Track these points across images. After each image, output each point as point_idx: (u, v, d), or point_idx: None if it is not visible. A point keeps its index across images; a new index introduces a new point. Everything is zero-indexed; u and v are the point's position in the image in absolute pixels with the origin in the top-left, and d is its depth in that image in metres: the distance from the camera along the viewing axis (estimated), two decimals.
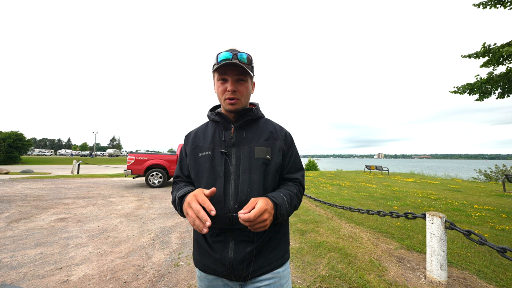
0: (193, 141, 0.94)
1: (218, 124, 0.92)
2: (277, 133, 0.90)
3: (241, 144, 0.85)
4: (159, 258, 2.62)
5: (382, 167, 18.19)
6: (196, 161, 0.87)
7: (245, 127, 0.89)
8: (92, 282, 2.09)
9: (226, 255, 0.77)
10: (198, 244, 0.85)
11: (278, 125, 0.95)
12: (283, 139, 0.90)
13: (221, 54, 0.80)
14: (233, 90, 0.81)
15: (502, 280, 2.24)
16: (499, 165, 16.71)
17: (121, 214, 4.45)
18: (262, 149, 0.84)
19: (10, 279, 2.09)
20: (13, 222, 3.70)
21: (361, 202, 5.88)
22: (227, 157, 0.83)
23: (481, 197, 7.17)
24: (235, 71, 0.80)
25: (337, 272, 2.34)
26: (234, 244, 0.77)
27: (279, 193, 0.79)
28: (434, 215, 2.23)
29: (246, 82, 0.84)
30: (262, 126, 0.91)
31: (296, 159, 0.93)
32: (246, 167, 0.81)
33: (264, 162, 0.82)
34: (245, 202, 0.75)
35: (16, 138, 31.61)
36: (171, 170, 8.22)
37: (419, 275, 2.34)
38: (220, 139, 0.87)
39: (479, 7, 5.30)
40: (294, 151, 0.93)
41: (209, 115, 0.96)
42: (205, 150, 0.87)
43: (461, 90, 5.89)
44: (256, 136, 0.87)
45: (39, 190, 6.68)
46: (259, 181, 0.80)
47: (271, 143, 0.86)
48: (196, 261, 0.87)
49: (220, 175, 0.81)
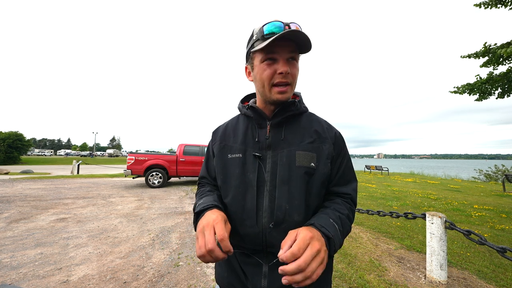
0: (221, 139, 0.78)
1: (251, 120, 0.75)
2: (325, 134, 0.71)
3: (279, 147, 0.69)
4: (159, 258, 2.62)
5: (382, 167, 18.19)
6: (224, 164, 0.73)
7: (284, 125, 0.71)
8: (92, 282, 2.09)
9: (258, 283, 0.63)
10: (228, 259, 0.71)
11: (326, 123, 0.76)
12: (332, 142, 0.71)
13: (268, 25, 0.61)
14: (287, 72, 0.62)
15: (502, 280, 2.24)
16: (498, 165, 16.68)
17: (121, 214, 4.45)
18: (306, 155, 0.67)
19: (10, 279, 2.08)
20: (13, 222, 3.70)
21: (361, 202, 5.88)
22: (261, 162, 0.68)
23: (481, 197, 7.18)
24: (289, 47, 0.62)
25: (337, 272, 2.34)
26: (268, 270, 0.63)
27: (327, 219, 0.59)
28: (434, 215, 2.23)
29: (297, 62, 0.66)
30: (306, 123, 0.73)
31: (348, 168, 0.73)
32: (285, 177, 0.65)
33: (307, 171, 0.65)
34: (282, 221, 0.62)
35: (16, 138, 31.60)
36: (171, 170, 8.19)
37: (419, 275, 2.34)
38: (253, 139, 0.72)
39: (480, 7, 5.30)
40: (345, 157, 0.73)
41: (240, 107, 0.79)
42: (235, 151, 0.72)
43: (461, 90, 5.89)
44: (298, 137, 0.70)
45: (39, 190, 6.68)
46: (300, 196, 0.64)
47: (317, 147, 0.68)
48: (221, 278, 0.72)
49: (252, 184, 0.66)
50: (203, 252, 0.52)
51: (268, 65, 0.63)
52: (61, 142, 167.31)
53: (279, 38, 0.58)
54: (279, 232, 0.61)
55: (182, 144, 8.60)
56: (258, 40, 0.63)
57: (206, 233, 0.53)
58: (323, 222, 0.58)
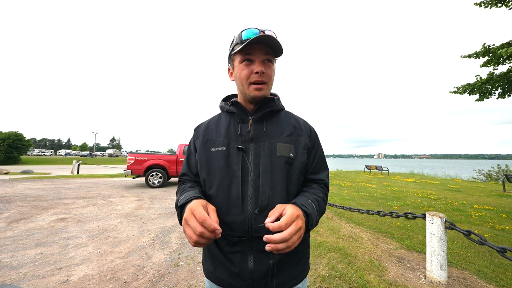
0: (204, 134, 0.82)
1: (234, 116, 0.81)
2: (301, 128, 0.80)
3: (261, 139, 0.75)
4: (159, 258, 2.62)
5: (382, 167, 18.18)
6: (207, 157, 0.76)
7: (264, 120, 0.78)
8: (92, 282, 2.09)
9: (245, 268, 0.67)
10: (211, 253, 0.76)
11: (301, 119, 0.85)
12: (307, 135, 0.80)
13: (246, 31, 0.70)
14: (262, 72, 0.69)
15: (502, 280, 2.24)
16: (502, 165, 16.59)
17: (121, 214, 4.45)
18: (285, 146, 0.74)
19: (10, 279, 2.09)
20: (13, 222, 3.70)
21: (361, 202, 5.88)
22: (244, 153, 0.73)
23: (481, 197, 7.17)
24: (263, 50, 0.70)
25: (337, 272, 2.34)
26: (254, 255, 0.68)
27: (307, 199, 0.68)
28: (434, 215, 2.23)
29: (273, 64, 0.74)
30: (284, 119, 0.81)
31: (321, 158, 0.83)
32: (267, 167, 0.71)
33: (287, 161, 0.72)
34: (266, 206, 0.68)
35: (16, 138, 31.65)
36: (171, 170, 8.19)
37: (419, 275, 2.34)
38: (235, 132, 0.77)
39: (480, 6, 5.30)
40: (319, 148, 0.83)
41: (223, 105, 0.85)
42: (219, 145, 0.76)
43: (461, 90, 5.89)
44: (278, 130, 0.77)
45: (39, 190, 6.68)
46: (282, 183, 0.71)
47: (294, 139, 0.76)
48: (208, 272, 0.77)
49: (236, 174, 0.71)
50: (195, 238, 0.55)
51: (246, 66, 0.71)
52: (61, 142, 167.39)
53: (254, 42, 0.67)
54: (263, 216, 0.65)
55: (182, 144, 8.61)
56: (237, 44, 0.71)
57: (190, 222, 0.56)
58: (303, 201, 0.66)
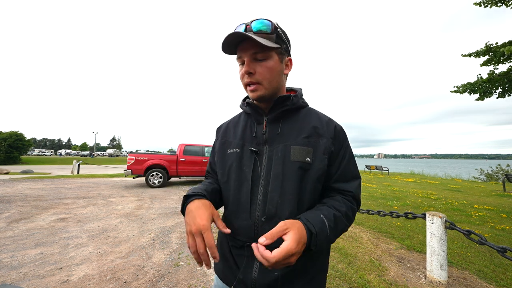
0: (223, 135, 0.81)
1: (250, 117, 0.77)
2: (324, 129, 0.70)
3: (275, 142, 0.69)
4: (159, 258, 2.62)
5: (382, 167, 18.19)
6: (223, 158, 0.76)
7: (281, 120, 0.72)
8: (92, 282, 2.09)
9: (249, 275, 0.63)
10: (222, 249, 0.73)
11: (325, 117, 0.74)
12: (331, 137, 0.69)
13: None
14: (248, 72, 0.64)
15: (502, 280, 2.23)
16: (503, 165, 16.56)
17: (121, 214, 4.45)
18: (301, 149, 0.66)
19: (10, 279, 2.09)
20: (13, 222, 3.70)
21: (361, 202, 5.88)
22: (257, 156, 0.69)
23: (481, 197, 7.17)
24: (248, 48, 0.63)
25: (337, 272, 2.34)
26: (259, 263, 0.63)
27: (319, 214, 0.59)
28: (434, 215, 2.23)
29: (267, 60, 0.64)
30: (304, 118, 0.72)
31: (350, 164, 0.71)
32: (278, 172, 0.65)
33: (301, 166, 0.65)
34: (274, 215, 0.62)
35: (16, 138, 31.63)
36: (171, 170, 8.20)
37: (419, 275, 2.34)
38: (251, 134, 0.73)
39: (480, 6, 5.29)
40: (347, 152, 0.71)
41: (241, 105, 0.81)
42: (234, 146, 0.74)
43: (461, 90, 5.88)
44: (295, 131, 0.69)
45: (39, 190, 6.68)
46: (293, 191, 0.63)
47: (313, 142, 0.67)
48: (217, 268, 0.74)
49: (247, 178, 0.68)
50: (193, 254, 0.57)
51: (241, 68, 0.67)
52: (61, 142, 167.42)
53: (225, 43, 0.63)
54: (270, 225, 0.59)
55: (183, 144, 8.60)
56: None
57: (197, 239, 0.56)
58: (310, 217, 0.58)
